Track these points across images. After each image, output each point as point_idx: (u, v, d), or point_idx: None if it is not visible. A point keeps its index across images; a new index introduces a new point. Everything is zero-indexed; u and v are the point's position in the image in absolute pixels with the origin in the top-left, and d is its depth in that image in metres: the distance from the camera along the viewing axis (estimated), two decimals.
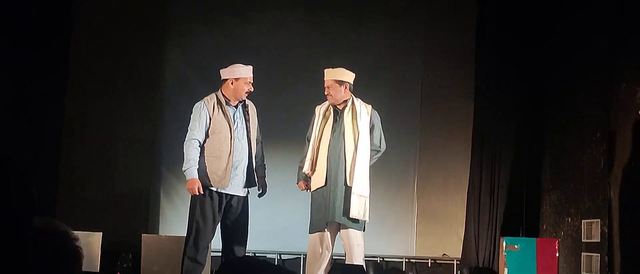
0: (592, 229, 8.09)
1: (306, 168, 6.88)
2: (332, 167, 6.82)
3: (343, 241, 6.91)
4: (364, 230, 6.98)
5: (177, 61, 9.92)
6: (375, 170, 9.66)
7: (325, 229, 6.86)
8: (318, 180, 6.85)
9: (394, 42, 9.93)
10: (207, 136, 6.66)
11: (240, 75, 6.75)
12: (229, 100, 6.73)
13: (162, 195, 9.75)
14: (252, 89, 6.81)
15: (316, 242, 6.90)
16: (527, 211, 9.58)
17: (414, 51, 9.93)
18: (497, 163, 9.49)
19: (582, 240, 8.31)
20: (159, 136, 9.83)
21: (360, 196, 6.84)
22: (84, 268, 1.98)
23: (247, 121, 6.81)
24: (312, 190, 6.91)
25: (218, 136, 6.64)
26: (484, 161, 9.50)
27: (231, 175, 6.62)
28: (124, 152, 9.94)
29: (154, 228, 9.56)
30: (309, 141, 6.99)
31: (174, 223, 9.56)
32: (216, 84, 6.98)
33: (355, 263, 6.70)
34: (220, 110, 6.68)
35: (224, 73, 6.84)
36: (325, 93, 6.96)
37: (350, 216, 6.81)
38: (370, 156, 7.01)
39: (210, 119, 6.65)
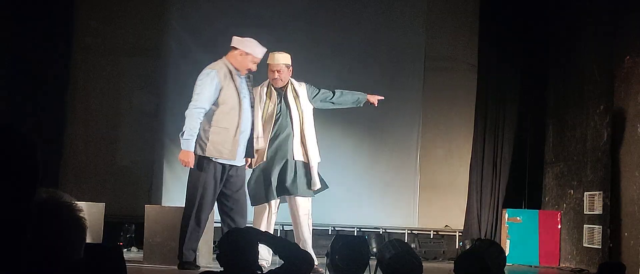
0: (594, 202, 8.10)
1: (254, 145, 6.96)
2: (280, 145, 6.95)
3: (291, 211, 7.00)
4: (312, 195, 7.08)
5: (180, 31, 9.89)
6: (378, 142, 9.71)
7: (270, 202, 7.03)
8: (260, 157, 6.94)
9: (396, 13, 9.89)
10: (216, 105, 6.61)
11: (253, 53, 6.71)
12: (237, 69, 6.70)
13: (165, 166, 9.75)
14: (254, 70, 6.80)
15: (261, 212, 7.01)
16: (529, 183, 9.59)
17: (417, 22, 9.89)
18: (500, 135, 9.49)
19: (585, 212, 8.32)
20: (162, 106, 9.82)
21: (313, 167, 7.01)
22: (87, 239, 1.98)
23: (249, 91, 6.80)
24: (254, 167, 7.02)
25: (226, 107, 6.59)
26: (487, 132, 9.50)
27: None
28: (127, 122, 9.94)
29: (156, 199, 9.57)
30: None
31: (177, 193, 9.56)
32: (219, 53, 6.94)
33: (304, 234, 6.93)
34: (231, 80, 6.64)
35: (238, 42, 6.76)
36: (275, 77, 6.97)
37: (312, 189, 6.99)
38: (329, 104, 7.22)
39: (221, 88, 6.60)
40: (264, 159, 6.91)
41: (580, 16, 8.70)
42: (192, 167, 6.56)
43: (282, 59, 7.06)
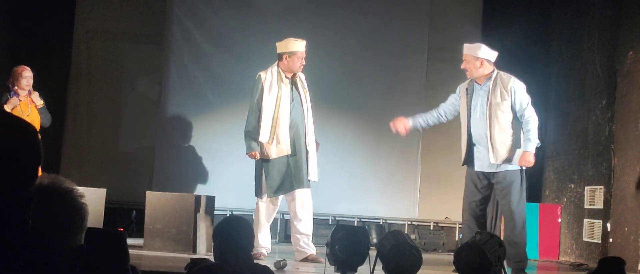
0: (595, 196, 8.10)
1: (264, 138, 6.88)
2: (296, 136, 6.92)
3: (295, 200, 6.99)
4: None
5: (184, 18, 9.88)
6: (380, 132, 9.69)
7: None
8: (282, 148, 6.93)
9: (400, 4, 9.89)
10: None
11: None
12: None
13: (166, 152, 9.76)
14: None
15: (269, 204, 7.02)
16: (530, 176, 9.57)
17: (420, 13, 9.88)
18: None
19: (585, 206, 8.33)
20: (164, 93, 9.82)
21: (315, 159, 7.10)
22: (88, 225, 1.98)
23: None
24: (272, 158, 6.93)
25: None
26: None
27: None
28: (129, 109, 9.94)
29: (158, 185, 9.57)
30: (259, 110, 6.95)
31: (178, 180, 9.58)
32: (220, 41, 6.94)
33: (307, 221, 6.97)
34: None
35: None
36: (301, 64, 6.97)
37: (313, 179, 7.05)
38: None
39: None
40: (289, 152, 6.92)
41: (584, 10, 8.69)
42: None
43: (305, 46, 7.10)
